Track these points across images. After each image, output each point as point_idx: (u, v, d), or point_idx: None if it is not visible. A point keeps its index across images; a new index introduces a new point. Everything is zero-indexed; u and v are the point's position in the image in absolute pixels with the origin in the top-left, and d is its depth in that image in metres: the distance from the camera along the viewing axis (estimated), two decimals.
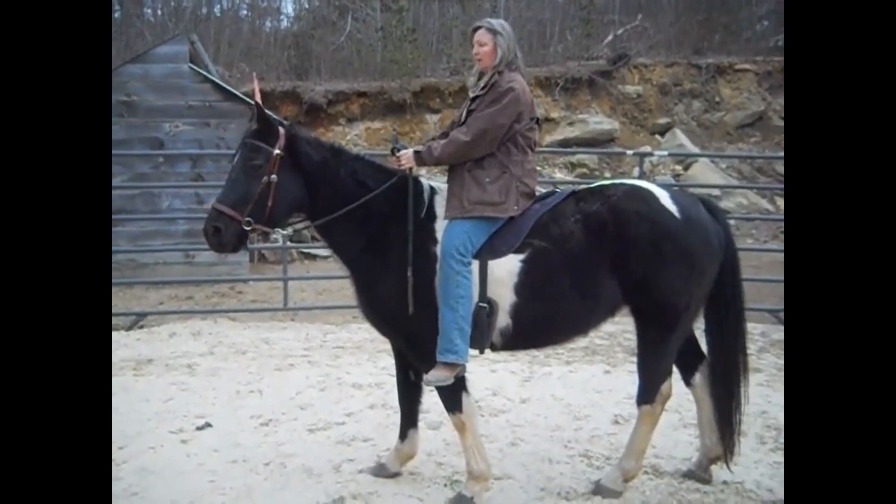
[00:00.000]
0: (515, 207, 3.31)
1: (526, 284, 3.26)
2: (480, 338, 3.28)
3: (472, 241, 3.24)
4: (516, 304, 3.28)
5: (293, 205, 3.35)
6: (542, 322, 3.33)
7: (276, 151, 3.23)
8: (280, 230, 3.42)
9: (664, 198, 3.33)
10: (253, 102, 3.27)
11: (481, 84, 3.41)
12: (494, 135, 3.28)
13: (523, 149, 3.38)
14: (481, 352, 3.41)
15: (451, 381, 3.24)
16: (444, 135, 3.56)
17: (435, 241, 3.32)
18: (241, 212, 3.20)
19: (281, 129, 3.29)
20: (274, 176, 3.22)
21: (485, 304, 3.25)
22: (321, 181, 3.34)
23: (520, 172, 3.35)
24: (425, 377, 3.30)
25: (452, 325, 3.19)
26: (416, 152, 3.35)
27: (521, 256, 3.27)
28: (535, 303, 3.27)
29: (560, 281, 3.26)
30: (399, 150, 3.42)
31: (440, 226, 3.34)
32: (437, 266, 3.26)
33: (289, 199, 3.30)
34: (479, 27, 3.43)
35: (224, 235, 3.22)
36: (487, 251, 3.27)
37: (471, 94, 3.48)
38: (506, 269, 3.27)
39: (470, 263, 3.23)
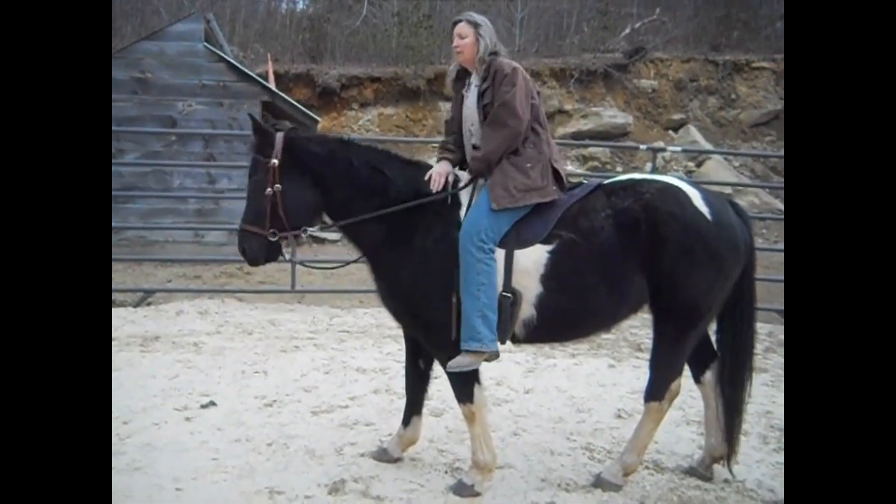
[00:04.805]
0: (554, 188, 3.28)
1: (552, 276, 3.21)
2: (503, 328, 3.23)
3: (494, 228, 3.19)
4: (541, 295, 3.23)
5: (308, 206, 3.33)
6: (566, 315, 3.28)
7: (273, 161, 3.22)
8: (309, 228, 3.39)
9: (697, 199, 3.29)
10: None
11: (477, 79, 3.40)
12: (528, 114, 3.26)
13: (544, 125, 3.37)
14: (503, 343, 3.34)
15: (475, 366, 3.23)
16: (456, 142, 3.54)
17: (459, 227, 3.26)
18: (261, 226, 3.25)
19: (278, 136, 3.28)
20: (277, 185, 3.22)
21: (508, 294, 3.20)
22: (333, 174, 3.31)
23: (549, 151, 3.34)
24: (448, 364, 3.24)
25: (475, 312, 3.15)
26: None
27: (549, 247, 3.22)
28: (560, 295, 3.22)
29: (587, 274, 3.21)
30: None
31: (465, 213, 3.30)
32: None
33: (301, 203, 3.29)
34: (459, 20, 3.43)
35: (252, 252, 3.30)
36: (514, 240, 3.22)
37: (467, 92, 3.46)
38: (532, 259, 3.22)
39: (492, 251, 3.17)
